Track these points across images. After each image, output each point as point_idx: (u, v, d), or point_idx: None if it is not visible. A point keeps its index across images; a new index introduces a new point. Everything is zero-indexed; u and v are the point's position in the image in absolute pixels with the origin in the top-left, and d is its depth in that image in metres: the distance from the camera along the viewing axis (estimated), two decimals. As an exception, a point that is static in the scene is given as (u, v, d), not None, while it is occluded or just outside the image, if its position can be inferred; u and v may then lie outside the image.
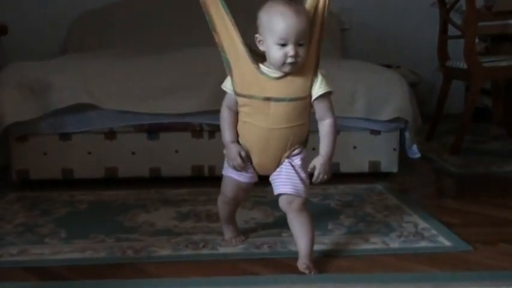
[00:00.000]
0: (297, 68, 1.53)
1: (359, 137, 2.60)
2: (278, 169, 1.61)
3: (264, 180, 1.65)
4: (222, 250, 1.77)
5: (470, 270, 1.61)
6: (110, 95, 2.45)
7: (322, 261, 1.66)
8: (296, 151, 1.60)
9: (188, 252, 1.75)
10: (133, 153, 2.54)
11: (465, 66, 3.13)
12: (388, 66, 3.10)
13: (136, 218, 2.07)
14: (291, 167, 1.59)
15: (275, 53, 1.50)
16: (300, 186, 1.59)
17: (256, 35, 1.55)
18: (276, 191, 1.62)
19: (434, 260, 1.68)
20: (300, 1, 1.56)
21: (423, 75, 4.18)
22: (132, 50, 3.09)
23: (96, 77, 2.48)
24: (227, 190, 1.73)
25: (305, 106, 1.57)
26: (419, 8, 4.28)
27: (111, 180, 2.55)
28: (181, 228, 1.96)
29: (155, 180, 2.57)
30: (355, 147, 2.60)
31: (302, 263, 1.58)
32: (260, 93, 1.54)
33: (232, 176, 1.68)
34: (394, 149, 2.63)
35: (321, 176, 1.56)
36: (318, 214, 2.09)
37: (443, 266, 1.64)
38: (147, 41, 3.61)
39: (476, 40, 3.52)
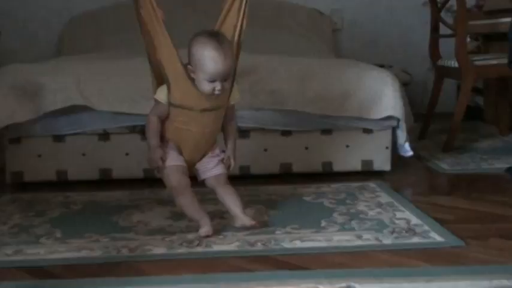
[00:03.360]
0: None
1: (351, 136, 2.61)
2: (203, 159, 1.97)
3: (257, 180, 1.66)
4: (216, 248, 1.78)
5: (462, 265, 1.63)
6: (103, 96, 2.45)
7: (315, 258, 1.68)
8: (215, 144, 2.01)
9: (182, 250, 1.76)
10: (127, 154, 2.55)
11: (456, 65, 3.15)
12: (381, 66, 3.12)
13: (131, 218, 2.08)
14: (213, 156, 1.98)
15: (205, 86, 1.82)
16: (221, 166, 1.98)
17: (189, 66, 1.83)
18: (203, 176, 1.98)
19: (427, 255, 1.69)
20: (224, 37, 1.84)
21: (415, 75, 4.20)
22: (125, 52, 3.10)
23: (89, 78, 2.49)
24: (175, 180, 1.89)
25: (224, 110, 1.95)
26: (411, 8, 4.30)
27: (106, 182, 2.56)
28: (176, 227, 1.97)
29: (149, 180, 2.57)
30: (347, 146, 2.62)
31: (246, 222, 1.86)
32: (198, 106, 1.87)
33: (178, 163, 1.91)
34: (387, 148, 2.64)
35: (233, 161, 1.99)
36: (311, 212, 2.11)
37: (436, 261, 1.65)
38: (140, 43, 3.61)
39: (468, 39, 3.55)
